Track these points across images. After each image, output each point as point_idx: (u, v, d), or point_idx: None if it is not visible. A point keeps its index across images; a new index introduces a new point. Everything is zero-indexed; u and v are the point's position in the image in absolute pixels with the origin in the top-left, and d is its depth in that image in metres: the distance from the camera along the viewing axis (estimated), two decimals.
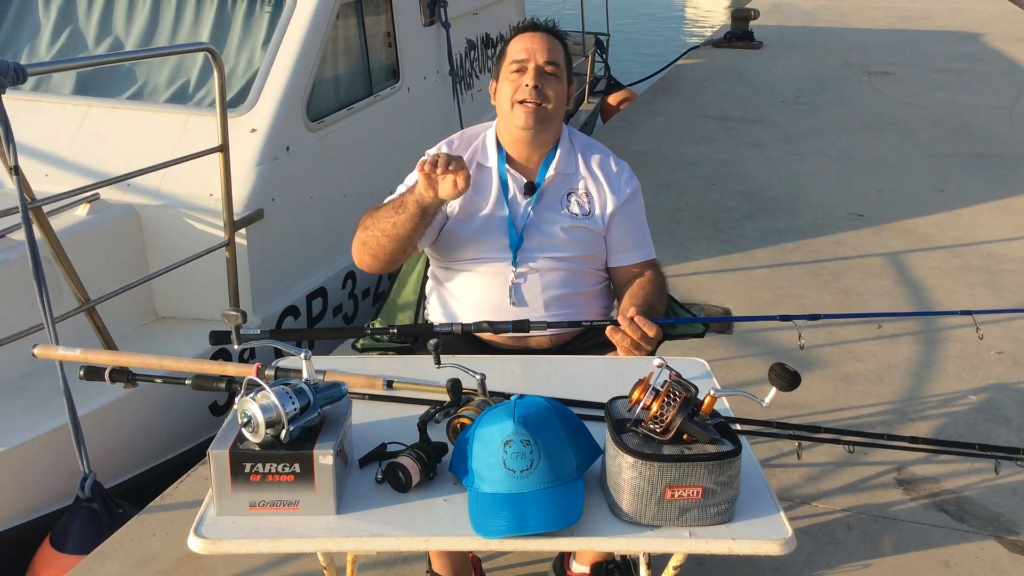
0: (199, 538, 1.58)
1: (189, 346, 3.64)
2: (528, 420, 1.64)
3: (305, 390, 1.66)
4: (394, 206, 2.38)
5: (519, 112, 2.46)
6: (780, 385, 1.72)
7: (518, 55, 2.48)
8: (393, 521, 1.63)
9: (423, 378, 2.06)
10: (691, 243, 5.52)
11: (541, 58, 2.47)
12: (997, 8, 16.79)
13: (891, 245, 5.55)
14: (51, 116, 4.10)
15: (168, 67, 4.38)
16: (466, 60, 6.39)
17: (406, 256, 2.49)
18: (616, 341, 2.29)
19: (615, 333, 2.28)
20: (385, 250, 2.42)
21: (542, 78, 2.46)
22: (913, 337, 4.37)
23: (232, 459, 1.60)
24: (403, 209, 2.35)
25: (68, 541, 2.91)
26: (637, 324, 2.26)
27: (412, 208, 2.32)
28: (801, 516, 3.01)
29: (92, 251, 3.52)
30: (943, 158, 7.49)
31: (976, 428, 3.58)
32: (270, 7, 4.42)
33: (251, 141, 3.95)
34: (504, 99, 2.49)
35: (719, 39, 12.85)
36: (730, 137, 8.02)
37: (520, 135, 2.50)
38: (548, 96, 2.46)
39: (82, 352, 2.16)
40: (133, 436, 3.43)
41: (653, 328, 2.27)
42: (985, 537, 2.95)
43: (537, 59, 2.46)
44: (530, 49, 2.47)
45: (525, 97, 2.45)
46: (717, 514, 1.63)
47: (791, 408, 3.61)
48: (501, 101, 2.51)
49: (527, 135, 2.49)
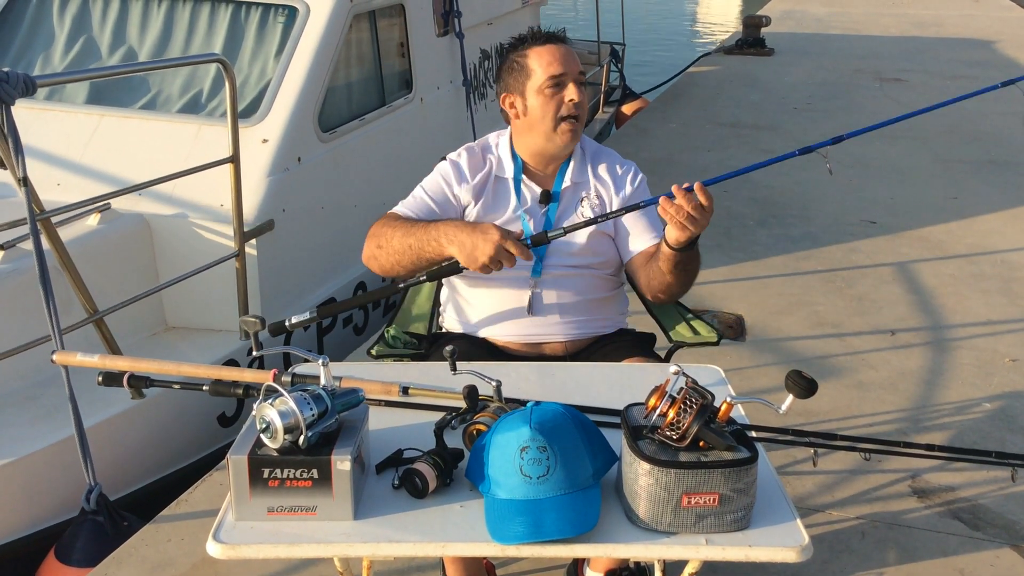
0: (218, 543, 1.58)
1: (199, 356, 3.65)
2: (544, 427, 1.64)
3: (323, 396, 1.66)
4: (416, 248, 2.33)
5: (564, 130, 2.42)
6: (797, 392, 1.72)
7: (554, 69, 2.41)
8: (410, 527, 1.63)
9: (439, 384, 2.07)
10: (704, 250, 5.39)
11: (575, 69, 2.43)
12: (1010, 15, 16.75)
13: (905, 253, 5.54)
14: (64, 125, 4.13)
15: (181, 77, 4.40)
16: (480, 70, 6.40)
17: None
18: (670, 215, 2.12)
19: (668, 207, 2.11)
20: (397, 272, 2.42)
21: (580, 90, 2.43)
22: (927, 345, 4.35)
23: (251, 464, 1.61)
24: (423, 255, 2.33)
25: (73, 554, 2.90)
26: (695, 192, 2.09)
27: (434, 256, 2.32)
28: (816, 524, 3.00)
29: (102, 261, 3.53)
30: (956, 165, 7.47)
31: (991, 436, 3.57)
32: (283, 17, 4.44)
33: (263, 151, 3.97)
34: (544, 118, 2.43)
35: (731, 46, 12.84)
36: (742, 144, 8.02)
37: (557, 152, 2.49)
38: (584, 108, 2.46)
39: (100, 358, 2.17)
40: (140, 448, 3.43)
41: (709, 196, 2.10)
42: (1000, 546, 2.93)
43: (572, 71, 2.42)
44: (564, 62, 2.42)
45: (571, 112, 2.41)
46: (734, 521, 1.63)
47: (805, 416, 3.60)
48: (537, 119, 2.44)
49: (564, 152, 2.49)
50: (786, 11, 16.78)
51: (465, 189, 2.50)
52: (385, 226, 2.40)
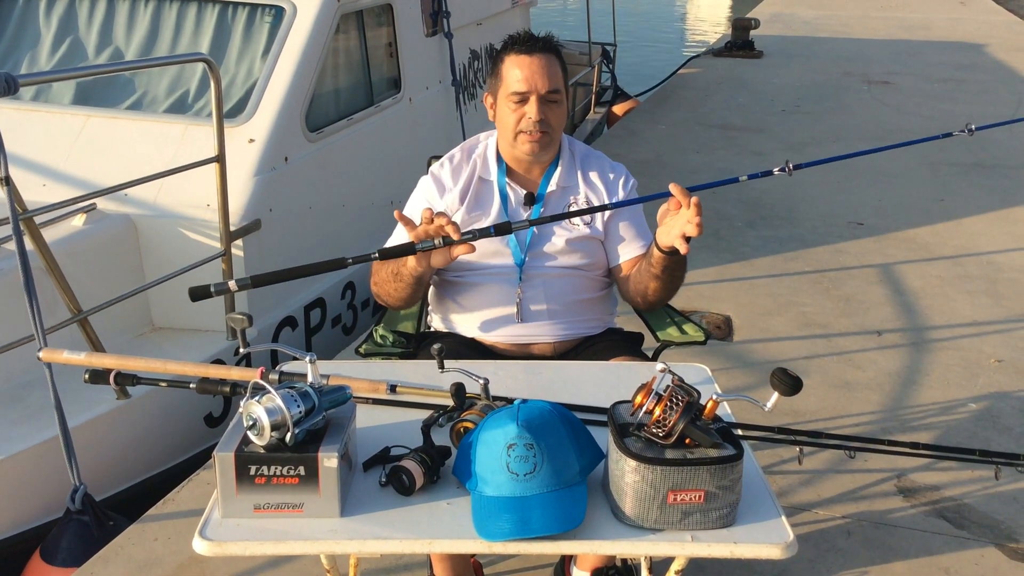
0: (204, 540, 1.58)
1: (186, 356, 3.62)
2: (531, 424, 1.65)
3: (310, 393, 1.66)
4: (393, 275, 2.35)
5: (523, 141, 2.43)
6: (782, 390, 1.72)
7: (518, 86, 2.39)
8: (397, 524, 1.64)
9: (427, 383, 2.07)
10: (692, 251, 5.39)
11: (543, 87, 2.39)
12: (997, 19, 16.83)
13: (891, 254, 5.56)
14: (50, 125, 4.10)
15: (167, 77, 4.38)
16: (469, 70, 6.40)
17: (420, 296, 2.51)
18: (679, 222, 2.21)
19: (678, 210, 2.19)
20: (397, 301, 2.44)
21: (545, 108, 2.41)
22: (913, 345, 4.37)
23: (237, 461, 1.61)
24: (400, 279, 2.35)
25: (58, 554, 2.89)
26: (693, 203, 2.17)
27: (408, 279, 2.32)
28: (801, 522, 3.01)
29: (88, 261, 3.52)
30: (943, 167, 7.50)
31: (977, 436, 3.59)
32: (270, 17, 4.43)
33: (249, 151, 3.95)
34: (506, 127, 2.45)
35: (720, 48, 12.87)
36: (731, 146, 8.04)
37: (524, 159, 2.50)
38: (551, 124, 2.43)
39: (86, 356, 2.17)
40: (126, 448, 3.41)
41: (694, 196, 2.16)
42: (985, 544, 2.95)
43: (539, 89, 2.38)
44: (530, 80, 2.38)
45: (529, 128, 2.41)
46: (719, 518, 1.64)
47: (791, 415, 3.61)
48: (503, 126, 2.47)
49: (531, 159, 2.49)
50: (775, 14, 16.83)
51: (448, 197, 2.52)
52: (374, 273, 2.46)
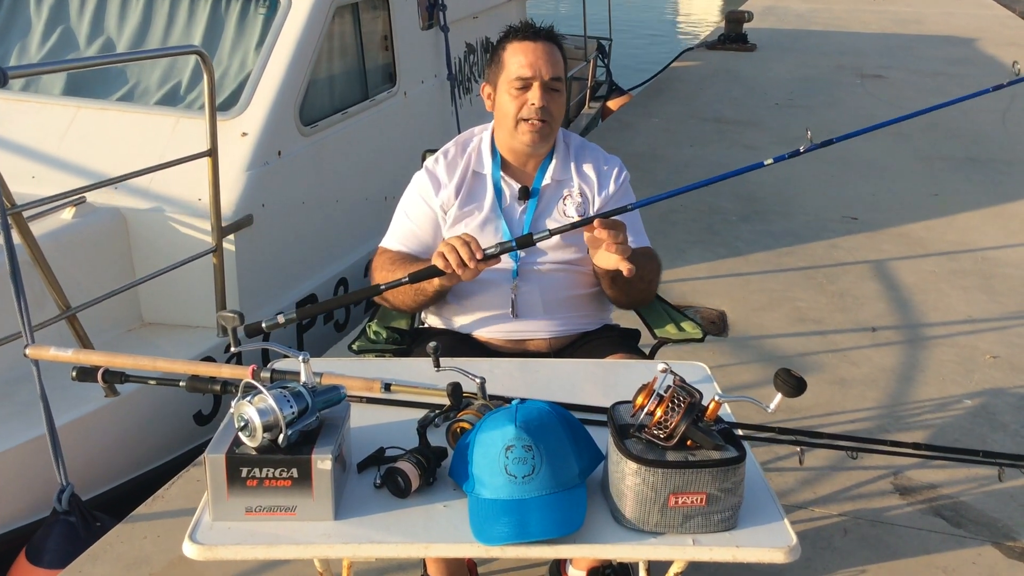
0: (195, 544, 1.55)
1: (176, 352, 3.59)
2: (530, 425, 1.62)
3: (303, 393, 1.63)
4: (414, 290, 2.34)
5: (524, 130, 2.41)
6: (786, 391, 1.70)
7: (522, 71, 2.38)
8: (392, 527, 1.60)
9: (422, 381, 2.04)
10: (686, 246, 5.51)
11: (547, 74, 2.38)
12: (989, 13, 16.84)
13: (885, 249, 5.55)
14: (40, 117, 4.06)
15: (159, 68, 4.34)
16: (465, 64, 6.36)
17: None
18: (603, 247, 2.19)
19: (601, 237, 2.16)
20: (413, 310, 2.49)
21: (547, 95, 2.39)
22: (908, 342, 4.36)
23: (228, 463, 1.57)
24: (421, 293, 2.35)
25: (44, 555, 2.86)
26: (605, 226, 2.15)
27: (431, 293, 2.34)
28: (798, 521, 2.99)
29: (77, 255, 3.48)
30: (937, 162, 7.50)
31: (972, 432, 3.57)
32: (264, 9, 4.39)
33: (242, 145, 3.91)
34: (507, 115, 2.42)
35: (713, 41, 12.85)
36: (724, 139, 8.02)
37: (523, 150, 2.47)
38: (552, 114, 2.41)
39: (74, 353, 2.13)
40: (114, 447, 3.37)
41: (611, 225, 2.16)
42: (982, 543, 2.94)
43: (543, 75, 2.38)
44: (534, 65, 2.37)
45: (531, 116, 2.39)
46: (721, 521, 1.61)
47: (787, 412, 3.59)
48: (503, 115, 2.45)
49: (530, 150, 2.47)
50: (768, 7, 16.80)
51: (444, 193, 2.48)
52: (381, 269, 2.43)
